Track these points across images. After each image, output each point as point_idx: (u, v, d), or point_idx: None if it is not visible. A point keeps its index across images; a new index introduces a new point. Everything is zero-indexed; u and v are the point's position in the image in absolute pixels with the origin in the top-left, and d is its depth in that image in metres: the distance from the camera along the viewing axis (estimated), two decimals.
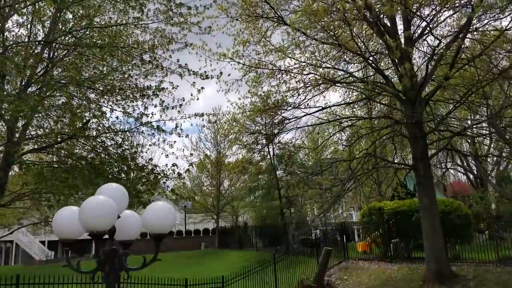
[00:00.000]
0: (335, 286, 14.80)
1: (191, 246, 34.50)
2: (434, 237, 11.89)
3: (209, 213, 35.10)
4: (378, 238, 17.47)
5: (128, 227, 3.74)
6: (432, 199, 12.26)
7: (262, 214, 33.55)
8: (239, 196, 34.66)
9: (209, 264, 24.26)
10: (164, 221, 3.62)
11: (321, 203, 17.71)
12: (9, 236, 30.99)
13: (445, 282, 11.53)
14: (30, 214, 17.23)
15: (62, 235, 3.48)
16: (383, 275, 14.42)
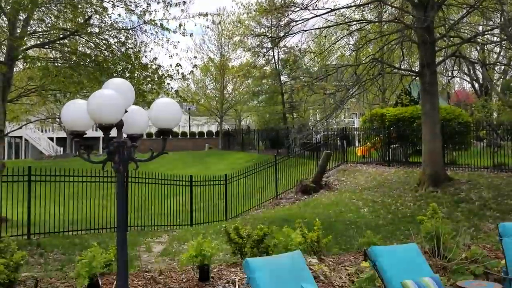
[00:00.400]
0: (332, 186, 15.47)
1: (195, 147, 35.46)
2: (433, 142, 12.18)
3: (212, 116, 35.53)
4: (378, 143, 17.88)
5: (135, 121, 3.86)
6: (434, 106, 12.35)
7: (265, 118, 33.97)
8: (242, 100, 34.83)
9: (212, 164, 25.12)
10: (170, 116, 3.71)
11: (324, 108, 17.82)
12: (18, 131, 31.72)
13: (439, 185, 12.04)
14: (37, 111, 17.52)
15: (71, 126, 3.61)
16: (380, 177, 15.00)
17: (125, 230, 3.70)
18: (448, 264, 6.33)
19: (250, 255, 6.06)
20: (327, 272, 6.10)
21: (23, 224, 9.81)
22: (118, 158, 3.61)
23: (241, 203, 15.37)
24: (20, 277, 5.66)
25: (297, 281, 4.02)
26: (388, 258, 4.88)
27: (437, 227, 6.69)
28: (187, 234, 10.20)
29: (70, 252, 8.07)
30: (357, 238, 8.37)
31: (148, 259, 7.70)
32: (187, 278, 5.82)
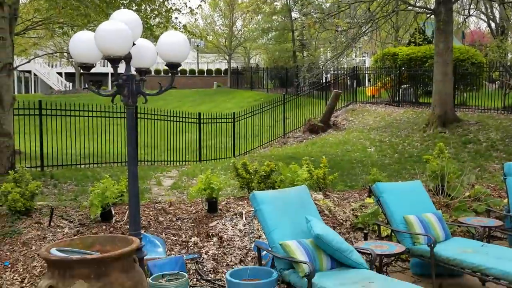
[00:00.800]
0: (341, 125, 15.51)
1: (203, 85, 35.29)
2: (444, 82, 12.01)
3: (221, 53, 35.01)
4: (388, 83, 17.66)
5: (144, 54, 3.85)
6: (448, 45, 12.05)
7: (274, 56, 33.41)
8: (251, 38, 34.10)
9: (221, 102, 25.11)
10: (179, 49, 3.69)
11: (335, 46, 17.43)
12: (28, 66, 31.61)
13: (448, 125, 12.02)
14: (45, 45, 17.36)
15: (79, 59, 3.61)
16: (389, 117, 14.97)
17: (136, 162, 3.80)
18: (451, 202, 6.47)
19: (257, 189, 6.22)
20: (332, 207, 6.28)
21: (36, 157, 10.04)
22: (127, 92, 3.64)
23: (248, 141, 15.52)
24: (36, 206, 5.89)
25: (302, 214, 4.16)
26: (392, 193, 5.00)
27: (443, 166, 6.78)
28: (196, 170, 10.41)
29: (83, 183, 8.31)
30: (362, 176, 8.52)
31: (158, 192, 7.93)
32: (196, 209, 6.03)
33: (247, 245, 5.23)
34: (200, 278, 4.66)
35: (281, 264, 3.90)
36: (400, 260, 5.28)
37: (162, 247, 4.95)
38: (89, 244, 3.54)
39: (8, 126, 8.15)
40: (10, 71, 8.25)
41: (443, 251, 4.37)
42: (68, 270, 3.02)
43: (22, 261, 4.76)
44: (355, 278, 3.58)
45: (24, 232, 5.24)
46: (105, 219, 5.48)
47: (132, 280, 3.18)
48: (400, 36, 23.09)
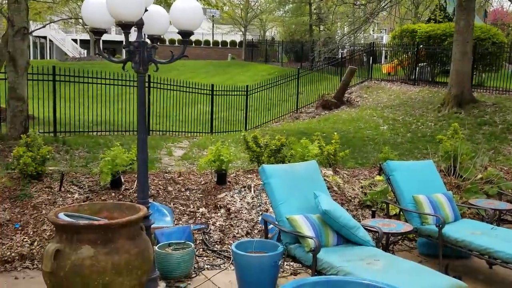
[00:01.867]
0: (354, 102, 15.33)
1: (217, 57, 34.99)
2: (462, 61, 11.72)
3: (236, 25, 34.54)
4: (405, 61, 17.32)
5: (156, 21, 3.77)
6: (469, 23, 11.70)
7: (290, 29, 32.88)
8: (268, 9, 33.54)
9: (234, 74, 24.92)
10: (192, 16, 3.61)
11: (353, 21, 17.06)
12: (43, 32, 31.55)
13: (464, 106, 11.80)
14: (60, 11, 17.27)
15: (92, 23, 3.55)
16: (403, 95, 14.74)
17: (145, 129, 3.78)
18: (463, 183, 6.40)
19: (267, 163, 6.19)
20: (341, 183, 6.25)
21: (49, 123, 10.12)
22: (138, 59, 3.59)
23: (261, 115, 15.45)
24: (47, 170, 5.95)
25: (310, 189, 4.13)
26: (403, 172, 4.94)
27: (456, 147, 6.68)
28: (207, 141, 10.42)
29: (94, 150, 8.36)
30: (374, 154, 8.45)
31: (168, 162, 7.96)
32: (205, 181, 6.04)
33: (254, 217, 5.25)
34: (207, 248, 4.70)
35: (287, 238, 3.90)
36: (407, 239, 5.26)
37: (170, 216, 4.99)
38: (97, 210, 3.57)
39: (22, 90, 8.18)
40: (24, 35, 8.22)
41: (451, 232, 4.33)
42: (75, 235, 3.06)
43: (32, 224, 4.83)
44: (360, 255, 3.57)
45: (35, 196, 5.32)
46: (115, 186, 5.52)
47: (139, 248, 3.20)
48: (420, 12, 22.55)
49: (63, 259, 3.02)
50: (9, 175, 5.79)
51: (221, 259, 4.54)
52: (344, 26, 22.14)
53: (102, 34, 3.68)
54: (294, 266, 4.38)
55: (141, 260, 3.20)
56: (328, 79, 17.77)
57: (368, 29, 24.38)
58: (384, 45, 21.62)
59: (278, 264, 3.72)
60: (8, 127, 8.10)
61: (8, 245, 4.51)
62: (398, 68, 18.06)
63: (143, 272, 3.23)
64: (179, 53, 3.78)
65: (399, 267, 3.36)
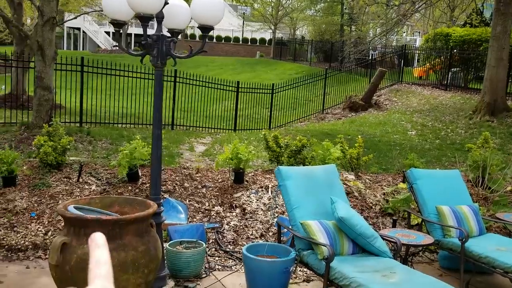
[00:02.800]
0: (382, 105, 15.00)
1: (246, 54, 34.94)
2: (497, 68, 11.29)
3: (267, 23, 34.38)
4: (438, 65, 16.84)
5: (176, 15, 3.69)
6: (506, 28, 11.25)
7: (321, 29, 32.50)
8: (299, 8, 33.26)
9: (262, 72, 24.81)
10: (212, 11, 3.52)
11: (385, 22, 16.70)
12: (77, 23, 32.14)
13: (496, 114, 11.36)
14: (94, 2, 17.53)
15: (111, 14, 3.51)
16: (434, 101, 14.34)
17: (160, 125, 3.72)
18: (491, 195, 6.12)
19: (287, 164, 6.07)
20: (362, 189, 6.06)
21: (76, 113, 10.25)
22: (156, 52, 3.52)
23: (286, 114, 15.30)
24: (67, 160, 5.98)
25: (328, 193, 3.99)
26: (427, 181, 4.74)
27: (486, 157, 6.39)
28: (230, 138, 10.36)
29: (117, 142, 8.40)
30: (399, 160, 8.20)
31: (189, 157, 7.92)
32: (222, 179, 5.96)
33: (270, 219, 5.13)
34: (219, 248, 4.61)
35: (300, 244, 3.77)
36: (428, 250, 5.05)
37: (185, 213, 4.92)
38: (108, 204, 3.52)
39: (48, 80, 8.27)
40: (54, 25, 8.31)
41: (474, 247, 4.11)
42: (83, 229, 3.01)
43: (48, 214, 4.85)
44: (376, 267, 3.41)
45: (53, 186, 5.34)
46: (132, 180, 5.50)
47: (146, 245, 3.14)
48: (455, 16, 21.91)
49: (69, 253, 2.98)
50: (29, 164, 5.85)
51: (233, 260, 4.44)
52: (376, 27, 21.73)
53: (122, 26, 3.63)
54: (308, 272, 4.25)
55: (148, 258, 3.13)
56: (356, 80, 17.46)
57: (400, 31, 23.88)
58: (417, 48, 21.09)
59: (290, 270, 3.60)
60: (34, 115, 8.21)
61: (23, 234, 4.54)
62: (430, 72, 17.59)
63: (150, 270, 3.16)
64: (200, 47, 3.69)
65: (416, 282, 3.19)
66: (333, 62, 24.84)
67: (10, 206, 4.86)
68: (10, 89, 12.08)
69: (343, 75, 17.79)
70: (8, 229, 4.57)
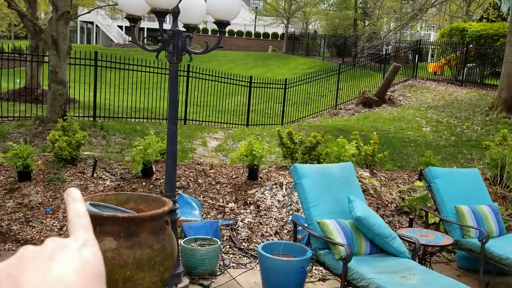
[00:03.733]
0: (396, 101, 14.82)
1: (258, 48, 34.81)
2: None
3: (279, 17, 34.18)
4: (453, 61, 16.59)
5: (192, 10, 3.65)
6: None
7: (334, 23, 32.23)
8: (312, 2, 33.00)
9: (274, 67, 24.70)
10: (229, 6, 3.46)
11: (400, 16, 16.48)
12: (90, 17, 32.24)
13: None
14: None
15: (127, 9, 3.47)
16: (449, 96, 14.13)
17: (176, 120, 3.68)
18: (509, 194, 6.00)
19: (301, 161, 6.01)
20: (378, 186, 5.98)
21: (89, 107, 10.28)
22: (172, 48, 3.48)
23: (298, 109, 15.21)
24: (81, 155, 5.99)
25: (345, 192, 3.92)
26: (446, 180, 4.64)
27: (504, 155, 6.26)
28: (242, 134, 10.32)
29: (130, 137, 8.41)
30: (414, 157, 8.09)
31: (202, 152, 7.90)
32: (236, 175, 5.92)
33: (285, 217, 5.09)
34: (233, 245, 4.58)
35: (317, 243, 3.72)
36: (445, 250, 4.96)
37: (199, 209, 4.90)
38: (123, 201, 3.50)
39: (62, 74, 8.29)
40: (68, 19, 8.33)
41: (495, 248, 4.02)
42: (98, 226, 2.99)
43: (63, 209, 4.86)
44: (394, 268, 3.35)
45: (68, 180, 5.35)
46: (146, 175, 5.48)
47: (162, 243, 3.11)
48: (472, 10, 21.56)
49: None
50: (44, 158, 5.87)
51: (247, 258, 4.41)
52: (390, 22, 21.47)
53: (137, 22, 3.60)
54: (323, 271, 4.19)
55: (163, 256, 3.10)
56: (370, 75, 17.28)
57: (415, 26, 23.57)
58: (432, 43, 20.80)
59: (306, 269, 3.55)
60: (48, 110, 8.25)
61: (38, 229, 4.55)
62: (445, 67, 17.35)
63: (165, 268, 3.14)
64: (216, 43, 3.64)
65: (435, 284, 3.12)
66: (346, 57, 24.63)
67: (26, 201, 4.88)
68: (25, 83, 12.16)
69: (356, 70, 17.62)
70: (23, 223, 4.59)
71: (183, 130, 9.90)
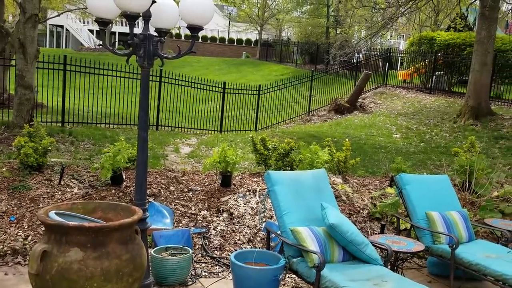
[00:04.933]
0: (367, 108, 15.04)
1: (232, 54, 34.82)
2: (481, 72, 11.40)
3: (253, 23, 34.32)
4: (422, 69, 16.97)
5: (164, 14, 3.57)
6: (491, 33, 11.37)
7: (307, 31, 32.55)
8: (285, 9, 33.26)
9: (248, 73, 24.73)
10: (202, 11, 3.41)
11: (371, 25, 16.77)
12: (60, 21, 31.55)
13: (480, 118, 11.47)
14: (77, 0, 17.24)
15: (96, 13, 3.37)
16: (418, 104, 14.43)
17: (147, 127, 3.59)
18: (478, 200, 6.12)
19: (275, 167, 5.99)
20: (350, 193, 6.01)
21: (58, 112, 10.01)
22: (143, 52, 3.40)
23: (272, 115, 15.24)
24: (49, 162, 5.80)
25: (318, 199, 3.91)
26: (416, 186, 4.70)
27: (472, 161, 6.40)
28: (216, 140, 10.23)
29: (100, 143, 8.21)
30: (385, 163, 8.19)
31: (175, 159, 7.78)
32: (209, 182, 5.84)
33: (258, 224, 5.04)
34: (206, 254, 4.50)
35: (290, 251, 3.68)
36: (417, 256, 5.01)
37: (170, 218, 4.80)
38: (91, 210, 3.38)
39: (30, 78, 8.04)
40: (36, 22, 8.09)
41: (465, 254, 4.08)
42: (64, 236, 2.87)
43: (28, 218, 4.67)
44: (367, 275, 3.34)
45: (34, 188, 5.16)
46: (115, 183, 5.35)
47: (131, 253, 3.01)
48: (440, 20, 22.12)
49: (50, 261, 2.84)
50: (9, 165, 5.66)
51: (220, 267, 4.33)
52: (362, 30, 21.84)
53: (107, 25, 3.50)
54: (296, 279, 4.16)
55: (132, 267, 3.00)
56: (342, 83, 17.50)
57: (385, 35, 24.04)
58: (401, 51, 21.25)
59: (279, 278, 3.51)
60: (14, 115, 7.98)
61: (1, 239, 4.36)
62: (414, 75, 17.73)
63: (134, 279, 3.04)
64: (189, 48, 3.57)
65: None
66: (318, 64, 24.89)
67: None
68: None
69: (328, 77, 17.81)
70: None
71: (155, 136, 9.75)
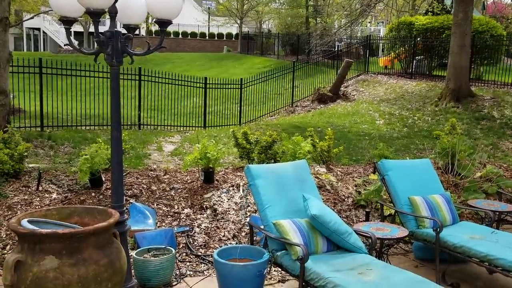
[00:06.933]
0: (350, 96, 15.04)
1: (213, 49, 34.60)
2: (460, 54, 11.45)
3: (232, 17, 34.10)
4: (402, 54, 17.01)
5: (131, 10, 3.47)
6: (468, 15, 11.41)
7: (287, 22, 32.42)
8: (264, 1, 33.09)
9: (230, 67, 24.58)
10: (169, 5, 3.31)
11: (350, 13, 16.75)
12: (37, 23, 30.95)
13: (461, 100, 11.54)
14: None
15: (60, 11, 3.26)
16: (400, 89, 14.47)
17: (120, 127, 3.51)
18: (461, 181, 6.14)
19: (258, 160, 5.93)
20: (334, 182, 5.98)
21: (37, 116, 9.81)
22: (110, 50, 3.30)
23: (255, 108, 15.16)
24: (26, 168, 5.67)
25: (299, 190, 3.86)
26: (398, 172, 4.68)
27: (454, 143, 6.41)
28: (199, 136, 10.14)
29: (81, 146, 8.06)
30: (369, 150, 8.19)
31: (158, 158, 7.68)
32: (191, 179, 5.76)
33: (242, 219, 4.98)
34: (190, 252, 4.42)
35: (274, 245, 3.63)
36: (402, 241, 5.01)
37: (152, 218, 4.71)
38: (66, 215, 3.29)
39: (3, 83, 7.85)
40: (6, 26, 7.89)
41: (449, 237, 4.07)
42: (38, 245, 2.78)
43: (5, 227, 4.55)
44: (352, 264, 3.31)
45: (11, 196, 5.03)
46: (95, 185, 5.24)
47: (109, 257, 2.93)
48: (417, 4, 22.20)
49: (24, 271, 2.75)
50: None
51: (205, 265, 4.27)
52: (341, 19, 21.82)
53: (72, 23, 3.39)
54: (283, 272, 4.12)
55: (111, 271, 2.92)
56: (324, 72, 17.48)
57: (364, 22, 24.07)
58: (381, 38, 21.28)
59: (263, 273, 3.46)
60: None
61: None
62: (395, 61, 17.77)
63: (114, 284, 2.96)
64: (158, 43, 3.48)
65: (393, 279, 3.10)
66: (300, 54, 24.82)
67: None
68: None
69: (310, 67, 17.77)
70: None
71: (137, 135, 9.62)
